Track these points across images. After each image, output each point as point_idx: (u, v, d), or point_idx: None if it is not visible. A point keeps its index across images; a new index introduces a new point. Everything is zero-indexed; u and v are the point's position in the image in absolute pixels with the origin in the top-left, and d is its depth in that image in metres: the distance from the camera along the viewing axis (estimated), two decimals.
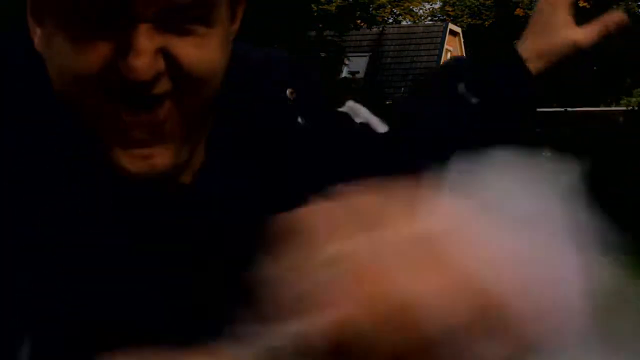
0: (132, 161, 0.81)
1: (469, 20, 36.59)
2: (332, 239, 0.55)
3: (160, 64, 0.77)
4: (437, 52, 28.51)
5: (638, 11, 34.64)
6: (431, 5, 50.35)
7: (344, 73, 24.10)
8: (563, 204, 0.61)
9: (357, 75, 24.38)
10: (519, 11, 35.03)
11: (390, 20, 39.90)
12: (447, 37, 29.41)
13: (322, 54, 20.27)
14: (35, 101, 0.84)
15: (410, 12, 40.43)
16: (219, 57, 0.82)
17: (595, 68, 27.27)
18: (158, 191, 0.85)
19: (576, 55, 1.20)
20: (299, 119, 0.99)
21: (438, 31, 29.78)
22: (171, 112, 0.81)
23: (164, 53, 0.78)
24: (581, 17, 1.27)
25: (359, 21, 23.29)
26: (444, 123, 1.16)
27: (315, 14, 19.56)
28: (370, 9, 37.94)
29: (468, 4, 36.61)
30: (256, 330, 0.56)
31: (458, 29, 32.33)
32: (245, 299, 0.59)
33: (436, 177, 0.60)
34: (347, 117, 1.11)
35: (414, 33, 30.25)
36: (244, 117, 0.95)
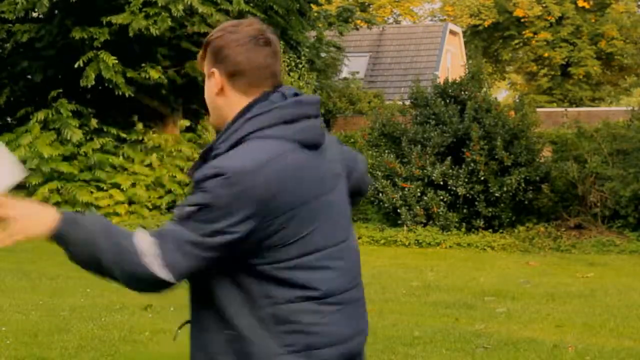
0: None
1: (469, 20, 36.61)
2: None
3: None
4: (437, 52, 28.54)
5: (638, 11, 34.62)
6: (431, 5, 50.49)
7: (344, 73, 24.12)
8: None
9: (357, 75, 24.38)
10: (519, 11, 35.06)
11: (390, 20, 39.93)
12: (447, 37, 29.44)
13: (322, 54, 20.29)
14: None
15: (410, 12, 40.47)
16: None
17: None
18: None
19: None
20: None
21: (438, 31, 29.81)
22: None
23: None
24: None
25: (359, 21, 23.30)
26: None
27: (315, 14, 19.56)
28: (370, 9, 37.98)
29: (468, 4, 36.63)
30: None
31: (458, 29, 32.35)
32: None
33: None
34: None
35: (414, 33, 30.28)
36: None
